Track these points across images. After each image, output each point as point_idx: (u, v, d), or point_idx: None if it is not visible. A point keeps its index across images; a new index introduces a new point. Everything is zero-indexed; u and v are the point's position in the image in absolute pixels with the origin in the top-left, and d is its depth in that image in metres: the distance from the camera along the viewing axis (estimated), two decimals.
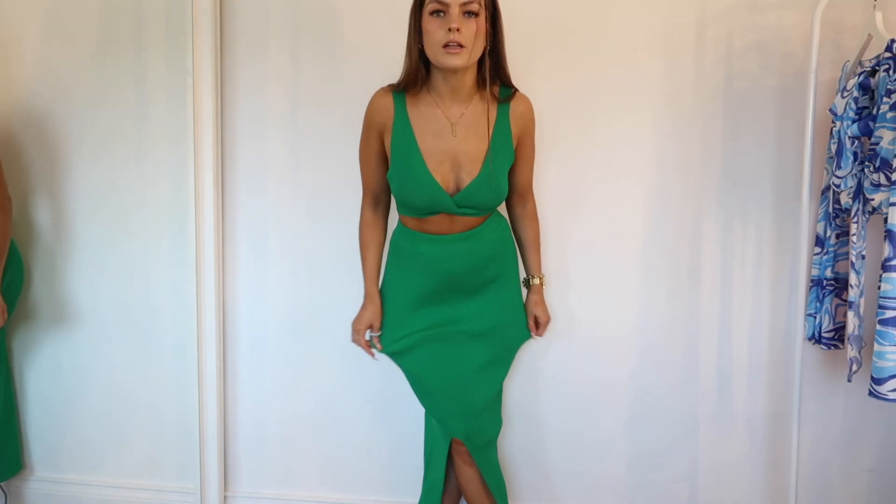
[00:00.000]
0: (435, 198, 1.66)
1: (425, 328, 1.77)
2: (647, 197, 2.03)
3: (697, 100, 1.99)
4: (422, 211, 1.70)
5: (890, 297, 1.62)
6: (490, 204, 1.71)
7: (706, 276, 2.04)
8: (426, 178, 1.65)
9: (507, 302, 1.83)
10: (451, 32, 1.53)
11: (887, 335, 1.62)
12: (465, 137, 1.67)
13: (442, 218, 1.72)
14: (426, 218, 1.72)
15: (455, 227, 1.73)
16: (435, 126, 1.67)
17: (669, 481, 2.12)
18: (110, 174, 2.22)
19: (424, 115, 1.67)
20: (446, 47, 1.55)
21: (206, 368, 2.18)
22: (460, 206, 1.68)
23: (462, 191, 1.67)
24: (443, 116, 1.67)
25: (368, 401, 2.19)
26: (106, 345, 2.28)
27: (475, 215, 1.73)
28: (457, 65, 1.56)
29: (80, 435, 2.33)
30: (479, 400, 1.79)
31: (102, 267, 2.26)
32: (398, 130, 1.68)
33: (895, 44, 1.63)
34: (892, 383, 1.63)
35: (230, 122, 2.15)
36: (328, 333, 2.18)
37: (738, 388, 2.07)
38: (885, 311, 1.63)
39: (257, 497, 2.27)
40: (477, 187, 1.67)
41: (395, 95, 1.69)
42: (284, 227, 2.17)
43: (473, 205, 1.69)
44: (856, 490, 2.06)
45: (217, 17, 2.08)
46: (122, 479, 2.33)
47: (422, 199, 1.67)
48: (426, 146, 1.66)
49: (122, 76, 2.18)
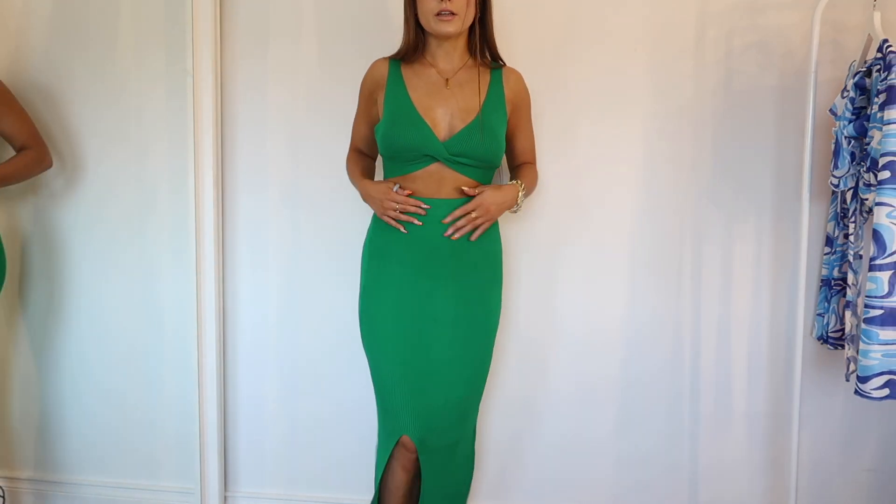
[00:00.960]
0: (423, 138, 1.65)
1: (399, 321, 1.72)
2: (646, 197, 2.03)
3: (697, 99, 1.99)
4: (408, 156, 1.67)
5: (875, 296, 1.64)
6: (484, 152, 1.68)
7: (706, 276, 2.04)
8: (414, 116, 1.67)
9: (489, 285, 1.77)
10: (443, 2, 1.62)
11: (871, 334, 1.64)
12: (457, 92, 1.71)
13: (430, 175, 1.68)
14: (413, 174, 1.69)
15: (443, 188, 1.69)
16: (428, 81, 1.72)
17: (669, 481, 2.12)
18: (110, 174, 2.21)
19: (418, 73, 1.73)
20: (439, 15, 1.64)
21: (207, 368, 2.18)
22: (452, 154, 1.66)
23: (454, 135, 1.67)
24: (436, 74, 1.73)
25: (368, 400, 2.18)
26: (106, 344, 2.28)
27: (468, 174, 1.69)
28: (449, 31, 1.65)
29: (80, 435, 2.33)
30: (439, 398, 1.71)
31: (102, 266, 2.25)
32: (391, 86, 1.72)
33: (885, 44, 1.64)
34: (876, 381, 1.65)
35: (230, 122, 2.15)
36: (328, 333, 2.18)
37: (738, 388, 2.07)
38: (869, 310, 1.65)
39: (257, 497, 2.27)
40: (469, 132, 1.66)
41: (391, 62, 1.76)
42: (284, 227, 2.17)
43: (467, 152, 1.67)
44: (856, 490, 2.06)
45: (217, 17, 2.08)
46: (122, 479, 2.33)
47: (409, 137, 1.66)
48: (417, 96, 1.70)
49: (122, 76, 2.18)
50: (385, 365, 1.73)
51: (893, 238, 1.61)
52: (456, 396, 1.73)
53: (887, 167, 1.60)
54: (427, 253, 1.70)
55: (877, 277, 1.63)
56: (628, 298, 2.07)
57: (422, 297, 1.71)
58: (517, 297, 2.07)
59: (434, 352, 1.71)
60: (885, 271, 1.62)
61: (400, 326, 1.71)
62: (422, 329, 1.71)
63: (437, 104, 1.69)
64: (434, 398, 1.71)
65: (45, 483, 2.35)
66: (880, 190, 1.62)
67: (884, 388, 1.66)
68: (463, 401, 1.75)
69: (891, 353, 1.64)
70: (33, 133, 2.05)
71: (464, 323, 1.72)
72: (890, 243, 1.62)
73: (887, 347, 1.64)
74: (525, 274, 2.08)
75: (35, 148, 2.05)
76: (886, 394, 1.66)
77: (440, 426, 1.72)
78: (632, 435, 2.12)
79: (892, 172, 1.60)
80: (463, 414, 1.76)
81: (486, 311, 1.78)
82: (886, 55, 1.63)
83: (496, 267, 1.81)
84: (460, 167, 1.68)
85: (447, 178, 1.69)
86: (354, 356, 2.14)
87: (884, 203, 1.61)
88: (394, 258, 1.73)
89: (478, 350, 1.76)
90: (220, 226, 2.16)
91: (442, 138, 1.67)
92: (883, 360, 1.64)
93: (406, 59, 1.74)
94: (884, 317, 1.63)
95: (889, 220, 1.61)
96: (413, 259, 1.71)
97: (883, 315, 1.63)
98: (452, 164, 1.68)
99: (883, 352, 1.64)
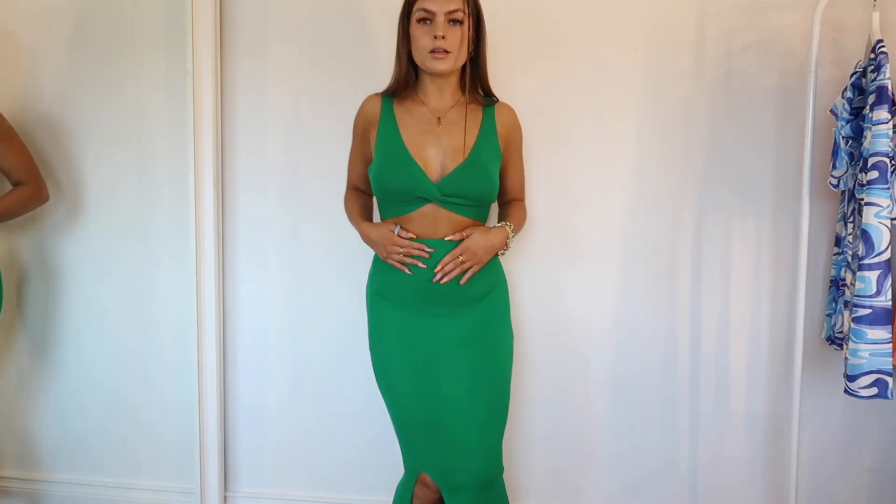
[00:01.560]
0: (415, 180, 1.64)
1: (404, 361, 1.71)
2: (646, 196, 2.03)
3: (697, 99, 1.99)
4: (402, 198, 1.66)
5: (863, 295, 1.65)
6: (477, 191, 1.66)
7: (706, 276, 2.04)
8: (405, 158, 1.65)
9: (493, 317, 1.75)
10: (436, 40, 1.60)
11: (860, 333, 1.66)
12: (449, 130, 1.69)
13: (425, 216, 1.67)
14: (408, 215, 1.67)
15: (438, 228, 1.67)
16: (420, 119, 1.70)
17: (669, 481, 2.12)
18: (110, 174, 2.22)
19: (410, 111, 1.71)
20: (433, 52, 1.62)
21: (206, 368, 2.18)
22: (445, 195, 1.65)
23: (446, 176, 1.65)
24: (428, 112, 1.71)
25: (368, 400, 2.19)
26: (106, 345, 2.28)
27: (463, 213, 1.68)
28: (442, 69, 1.64)
29: (81, 435, 2.33)
30: (455, 436, 1.68)
31: (103, 267, 2.25)
32: (383, 125, 1.71)
33: (878, 45, 1.65)
34: (864, 380, 1.67)
35: (230, 122, 2.15)
36: (328, 333, 2.18)
37: (737, 388, 2.07)
38: (858, 309, 1.66)
39: (257, 497, 2.27)
40: (462, 171, 1.64)
41: (383, 99, 1.74)
42: (284, 227, 2.17)
43: (460, 191, 1.65)
44: (856, 490, 2.06)
45: (217, 17, 2.08)
46: (122, 479, 2.33)
47: (401, 180, 1.64)
48: (409, 135, 1.68)
49: (122, 76, 2.18)
50: (398, 404, 1.72)
51: (882, 238, 1.63)
52: (471, 433, 1.69)
53: (875, 167, 1.62)
54: (426, 292, 1.68)
55: (865, 277, 1.65)
56: (628, 298, 2.07)
57: (424, 336, 1.70)
58: (517, 297, 2.07)
59: (443, 390, 1.68)
60: (873, 271, 1.64)
61: (406, 366, 1.70)
62: (428, 368, 1.69)
63: (428, 143, 1.67)
64: (450, 436, 1.68)
65: (46, 483, 2.35)
66: (869, 190, 1.63)
67: (872, 388, 1.67)
68: (481, 436, 1.70)
69: (879, 352, 1.66)
70: (31, 169, 2.05)
71: (471, 359, 1.70)
72: (878, 243, 1.63)
73: (875, 346, 1.65)
74: (525, 274, 2.08)
75: (31, 183, 2.04)
76: (875, 393, 1.67)
77: (461, 463, 1.69)
78: (631, 435, 2.12)
79: (879, 172, 1.62)
80: (486, 449, 1.71)
81: (495, 345, 1.75)
82: (878, 56, 1.64)
83: (501, 299, 1.78)
84: (454, 207, 1.66)
85: (441, 217, 1.67)
86: (354, 356, 2.15)
87: (872, 203, 1.63)
88: (394, 299, 1.72)
89: (489, 385, 1.72)
90: (220, 226, 2.16)
91: (434, 179, 1.65)
92: (871, 360, 1.66)
93: (398, 95, 1.72)
94: (872, 316, 1.65)
95: (877, 219, 1.63)
96: (413, 300, 1.70)
97: (871, 314, 1.65)
98: (446, 204, 1.66)
99: (871, 351, 1.66)
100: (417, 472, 1.72)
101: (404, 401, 1.70)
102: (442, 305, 1.69)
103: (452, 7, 1.61)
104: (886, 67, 1.62)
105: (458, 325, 1.70)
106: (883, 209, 1.62)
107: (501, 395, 1.75)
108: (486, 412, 1.71)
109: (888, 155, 1.62)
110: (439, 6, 1.60)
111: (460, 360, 1.69)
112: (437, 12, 1.60)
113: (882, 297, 1.64)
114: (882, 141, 1.61)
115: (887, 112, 1.61)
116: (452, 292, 1.68)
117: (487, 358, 1.72)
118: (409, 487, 1.74)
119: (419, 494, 1.74)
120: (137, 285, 2.25)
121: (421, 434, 1.70)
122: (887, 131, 1.62)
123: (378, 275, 1.76)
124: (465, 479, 1.69)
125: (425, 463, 1.71)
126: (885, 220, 1.63)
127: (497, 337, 1.76)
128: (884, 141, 1.62)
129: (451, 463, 1.69)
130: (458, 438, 1.68)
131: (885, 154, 1.62)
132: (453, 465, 1.69)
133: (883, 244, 1.63)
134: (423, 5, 1.61)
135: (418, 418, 1.69)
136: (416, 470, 1.72)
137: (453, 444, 1.68)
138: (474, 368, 1.70)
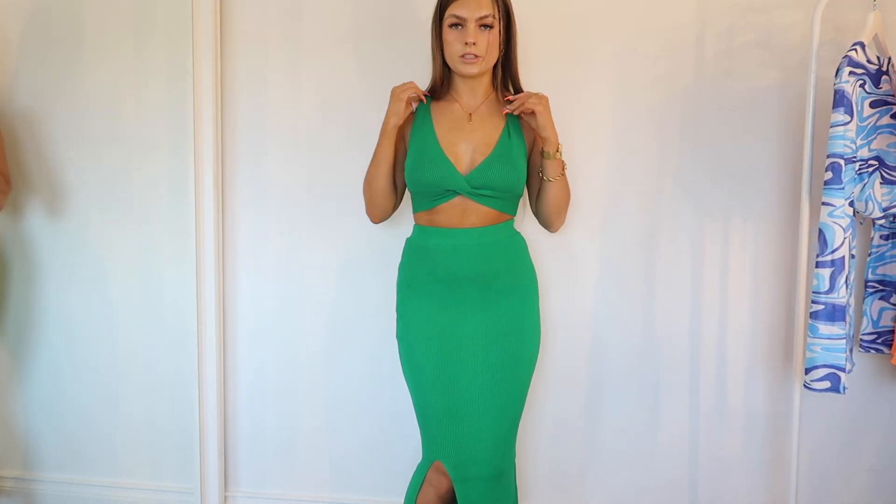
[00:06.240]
0: (445, 173, 1.70)
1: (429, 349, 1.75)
2: (646, 196, 2.03)
3: (697, 99, 1.99)
4: (433, 191, 1.72)
5: (818, 291, 1.70)
6: (504, 183, 1.71)
7: (706, 275, 2.04)
8: (437, 153, 1.72)
9: (520, 313, 1.78)
10: (467, 45, 1.66)
11: (814, 328, 1.71)
12: (479, 125, 1.75)
13: (454, 207, 1.73)
14: (438, 207, 1.74)
15: (467, 219, 1.74)
16: (452, 116, 1.77)
17: (669, 481, 2.12)
18: (110, 174, 2.22)
19: (442, 109, 1.79)
20: (463, 57, 1.68)
21: (206, 368, 2.18)
22: (474, 186, 1.70)
23: (475, 168, 1.71)
24: (460, 109, 1.78)
25: (369, 400, 2.19)
26: (106, 345, 2.28)
27: (491, 204, 1.73)
28: (473, 73, 1.71)
29: (80, 435, 2.33)
30: (472, 427, 1.72)
31: (103, 267, 2.25)
32: (418, 124, 1.78)
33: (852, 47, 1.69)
34: (816, 373, 1.72)
35: (230, 122, 2.15)
36: (329, 333, 2.18)
37: (738, 388, 2.07)
38: (814, 305, 1.71)
39: (257, 497, 2.28)
40: (490, 163, 1.71)
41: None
42: (284, 227, 2.17)
43: (488, 183, 1.70)
44: (856, 490, 2.06)
45: (217, 17, 2.09)
46: (122, 479, 2.33)
47: (432, 173, 1.70)
48: (442, 132, 1.75)
49: (122, 76, 2.18)
50: (421, 391, 1.77)
51: (834, 237, 1.68)
52: (488, 425, 1.73)
53: (829, 168, 1.67)
54: (454, 283, 1.74)
55: (819, 274, 1.70)
56: (628, 298, 2.07)
57: (450, 325, 1.75)
58: None
59: (464, 380, 1.73)
60: (826, 268, 1.69)
61: (431, 354, 1.75)
62: (452, 357, 1.74)
63: (459, 139, 1.74)
64: (467, 426, 1.72)
65: (46, 483, 2.35)
66: (825, 190, 1.68)
67: (824, 381, 1.72)
68: (495, 430, 1.74)
69: (830, 347, 1.70)
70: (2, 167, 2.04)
71: (494, 351, 1.74)
72: (831, 241, 1.68)
73: (829, 342, 1.70)
74: None
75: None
76: (827, 386, 1.72)
77: (474, 455, 1.72)
78: (631, 434, 2.12)
79: (833, 173, 1.67)
80: (497, 443, 1.75)
81: (520, 340, 1.78)
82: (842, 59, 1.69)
83: (530, 295, 1.82)
84: (482, 199, 1.72)
85: (470, 209, 1.73)
86: (355, 356, 2.15)
87: (826, 202, 1.68)
88: (423, 288, 1.78)
89: (510, 379, 1.75)
90: (220, 226, 2.16)
91: (463, 172, 1.72)
92: (822, 354, 1.71)
93: (434, 96, 1.79)
94: (825, 312, 1.70)
95: (831, 219, 1.68)
96: (441, 289, 1.75)
97: (824, 310, 1.70)
98: (475, 196, 1.72)
99: (823, 346, 1.71)
100: (433, 459, 1.76)
101: (426, 390, 1.75)
102: (468, 296, 1.74)
103: (483, 13, 1.66)
104: (844, 71, 1.66)
105: (483, 319, 1.75)
106: (836, 209, 1.67)
107: (519, 392, 1.79)
108: (500, 406, 1.75)
109: (843, 157, 1.66)
110: (470, 13, 1.66)
111: (482, 354, 1.74)
112: (468, 18, 1.66)
113: (835, 293, 1.69)
114: (837, 143, 1.67)
115: (843, 115, 1.66)
116: (480, 283, 1.74)
117: (510, 355, 1.76)
118: (423, 471, 1.79)
119: (432, 480, 1.77)
120: (138, 285, 2.25)
121: (439, 424, 1.74)
122: (843, 133, 1.66)
123: (409, 261, 1.82)
124: (475, 470, 1.73)
125: (441, 452, 1.75)
126: (839, 219, 1.67)
127: (523, 334, 1.80)
128: (839, 143, 1.66)
129: (464, 454, 1.73)
130: (471, 430, 1.73)
131: (839, 156, 1.66)
132: (466, 457, 1.73)
133: (836, 242, 1.68)
134: (454, 11, 1.67)
135: (438, 408, 1.74)
136: (432, 458, 1.76)
137: (467, 436, 1.73)
138: (495, 364, 1.74)
